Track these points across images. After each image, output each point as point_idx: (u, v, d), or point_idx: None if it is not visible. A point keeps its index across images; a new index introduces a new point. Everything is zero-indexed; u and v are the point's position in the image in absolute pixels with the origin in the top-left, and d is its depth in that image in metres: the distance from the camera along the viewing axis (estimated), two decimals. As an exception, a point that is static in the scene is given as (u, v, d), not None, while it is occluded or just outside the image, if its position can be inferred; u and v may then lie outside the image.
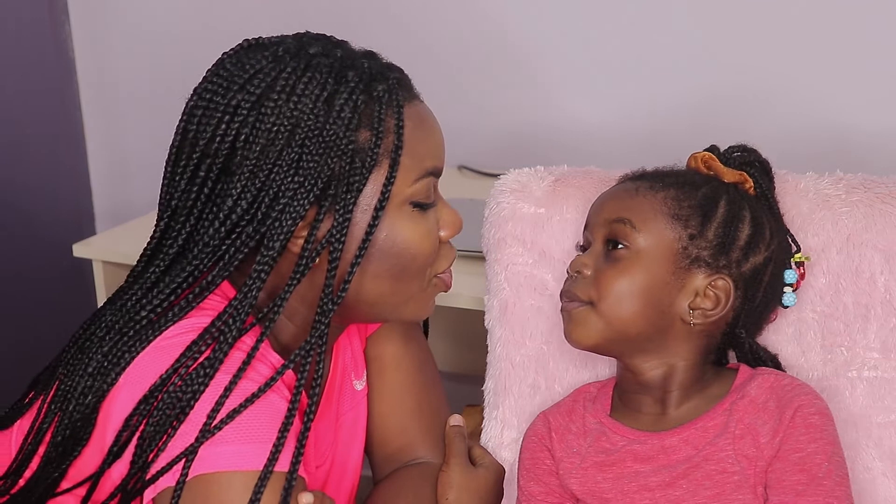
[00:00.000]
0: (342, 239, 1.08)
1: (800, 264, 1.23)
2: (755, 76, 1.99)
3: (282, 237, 1.07)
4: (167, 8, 2.39)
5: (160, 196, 1.12)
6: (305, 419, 1.05)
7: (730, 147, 1.25)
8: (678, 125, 2.04)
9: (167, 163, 1.12)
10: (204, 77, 1.12)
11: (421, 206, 1.13)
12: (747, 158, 1.24)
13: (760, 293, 1.19)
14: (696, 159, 1.24)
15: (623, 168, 1.39)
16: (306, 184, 1.06)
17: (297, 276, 1.08)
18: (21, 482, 1.10)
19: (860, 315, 1.25)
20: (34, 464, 1.09)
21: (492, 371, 1.37)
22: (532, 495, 1.22)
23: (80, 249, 1.92)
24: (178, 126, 1.11)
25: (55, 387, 1.09)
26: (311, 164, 1.06)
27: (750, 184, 1.22)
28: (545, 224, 1.34)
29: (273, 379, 1.05)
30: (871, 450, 1.23)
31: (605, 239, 1.18)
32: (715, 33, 2.01)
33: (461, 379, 2.01)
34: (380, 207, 1.09)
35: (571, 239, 1.34)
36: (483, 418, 1.38)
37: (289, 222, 1.06)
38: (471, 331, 1.65)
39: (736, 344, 1.23)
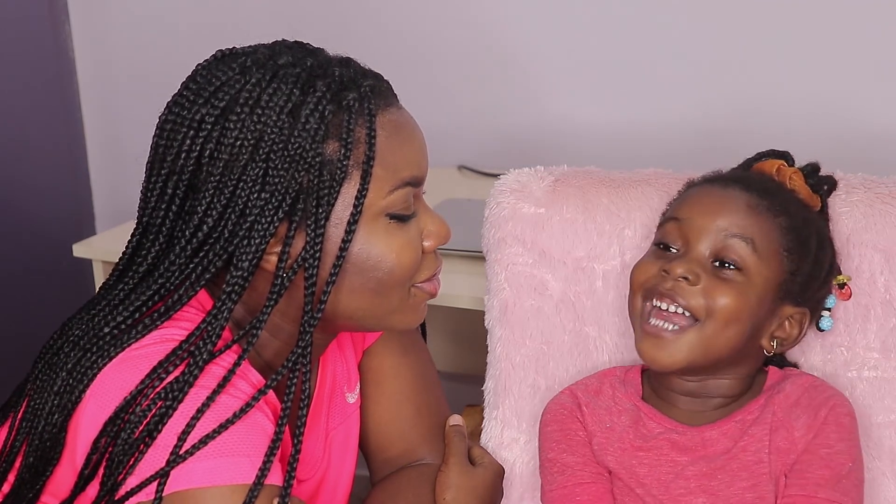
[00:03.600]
0: (317, 255, 1.03)
1: (842, 286, 1.23)
2: (754, 77, 1.99)
3: (251, 255, 1.03)
4: (167, 8, 2.39)
5: (137, 209, 1.10)
6: (277, 429, 1.03)
7: (808, 165, 1.24)
8: (678, 125, 2.04)
9: (144, 176, 1.09)
10: (178, 90, 1.09)
11: (399, 218, 1.08)
12: (819, 180, 1.24)
13: (814, 319, 1.21)
14: (783, 173, 1.20)
15: (622, 167, 1.40)
16: (273, 199, 1.02)
17: (275, 295, 1.04)
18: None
19: (860, 315, 1.25)
20: (8, 485, 1.08)
21: (492, 371, 1.37)
22: (567, 465, 1.21)
23: (80, 249, 1.92)
24: (151, 140, 1.09)
25: (25, 403, 1.07)
26: (277, 179, 1.02)
27: (818, 207, 1.23)
28: (545, 224, 1.34)
29: (249, 405, 1.01)
30: (871, 450, 1.23)
31: (717, 250, 1.13)
32: (714, 34, 2.01)
33: (461, 379, 2.00)
34: (353, 221, 1.04)
35: (571, 239, 1.33)
36: (483, 418, 1.38)
37: (257, 240, 1.03)
38: (471, 331, 1.65)
39: (772, 359, 1.24)
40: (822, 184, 1.24)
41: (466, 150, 2.18)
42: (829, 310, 1.23)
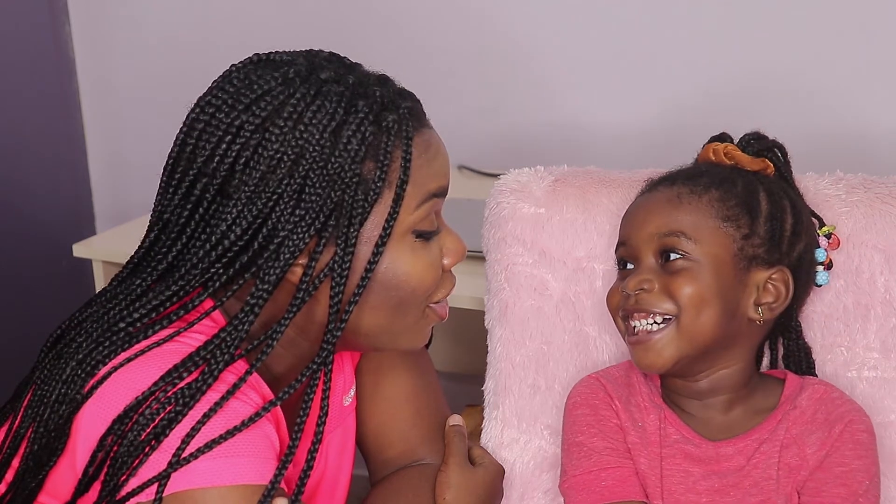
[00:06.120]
0: (345, 273, 1.04)
1: (828, 235, 1.22)
2: (755, 77, 1.99)
3: (278, 270, 1.03)
4: (167, 8, 2.39)
5: (154, 204, 1.09)
6: (291, 442, 1.03)
7: (745, 135, 1.24)
8: (678, 125, 2.04)
9: (164, 171, 1.09)
10: (209, 89, 1.08)
11: (424, 236, 1.09)
12: (765, 144, 1.23)
13: (805, 277, 1.20)
14: (717, 151, 1.21)
15: (622, 167, 1.40)
16: (308, 217, 1.02)
17: (295, 308, 1.04)
18: (2, 488, 1.09)
19: (860, 315, 1.25)
20: (11, 472, 1.07)
21: (492, 371, 1.37)
22: (595, 449, 1.20)
23: (80, 249, 1.92)
24: (177, 136, 1.08)
25: (31, 392, 1.06)
26: (314, 197, 1.02)
27: (771, 169, 1.22)
28: (545, 224, 1.34)
29: (258, 414, 1.01)
30: (871, 450, 1.23)
31: (658, 252, 1.15)
32: (715, 33, 2.01)
33: (461, 379, 2.01)
34: (381, 242, 1.05)
35: (571, 239, 1.34)
36: (483, 418, 1.38)
37: (286, 255, 1.03)
38: (471, 331, 1.65)
39: (789, 336, 1.24)
40: (766, 148, 1.23)
41: (466, 150, 2.18)
42: (822, 264, 1.21)
